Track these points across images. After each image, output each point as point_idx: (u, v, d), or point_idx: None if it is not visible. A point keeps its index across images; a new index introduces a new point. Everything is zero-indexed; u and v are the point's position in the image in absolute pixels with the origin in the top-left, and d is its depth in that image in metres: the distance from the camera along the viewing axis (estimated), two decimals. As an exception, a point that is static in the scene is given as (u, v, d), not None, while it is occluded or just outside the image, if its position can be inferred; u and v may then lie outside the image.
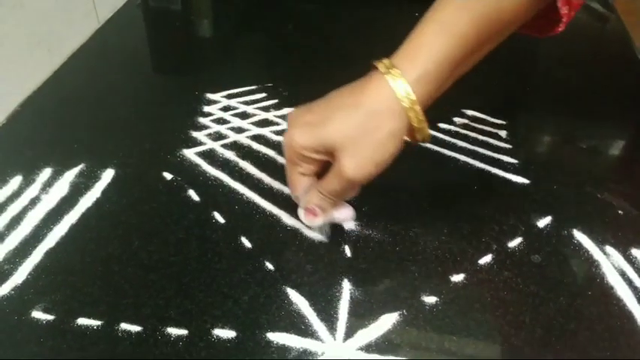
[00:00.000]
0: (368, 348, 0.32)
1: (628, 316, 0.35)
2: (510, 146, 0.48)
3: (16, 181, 0.41)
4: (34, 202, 0.40)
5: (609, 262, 0.38)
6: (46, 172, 0.42)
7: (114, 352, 0.31)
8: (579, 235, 0.40)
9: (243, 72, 0.56)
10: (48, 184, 0.41)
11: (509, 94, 0.55)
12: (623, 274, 0.38)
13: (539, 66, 0.62)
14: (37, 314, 0.32)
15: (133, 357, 0.31)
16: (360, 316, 0.34)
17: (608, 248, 0.39)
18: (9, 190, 0.40)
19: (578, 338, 0.34)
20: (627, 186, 0.44)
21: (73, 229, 0.38)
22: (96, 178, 0.42)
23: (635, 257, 0.39)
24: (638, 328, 0.34)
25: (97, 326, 0.32)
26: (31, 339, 0.31)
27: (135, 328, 0.32)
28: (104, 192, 0.41)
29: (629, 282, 0.37)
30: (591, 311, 0.35)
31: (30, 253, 0.36)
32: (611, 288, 0.37)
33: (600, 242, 0.40)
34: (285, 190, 0.42)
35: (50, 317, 0.32)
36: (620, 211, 0.42)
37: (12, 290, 0.34)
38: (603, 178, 0.45)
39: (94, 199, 0.40)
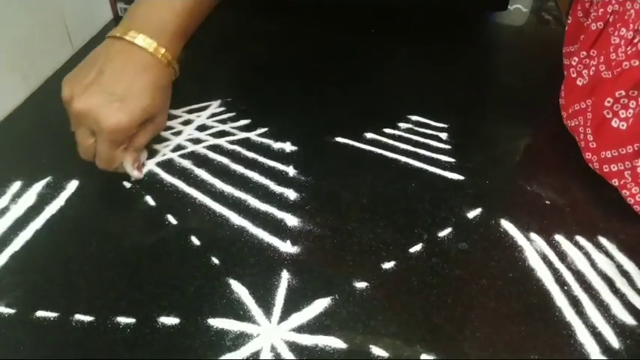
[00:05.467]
0: (300, 329, 0.35)
1: (545, 294, 0.38)
2: (449, 147, 0.51)
3: (-13, 194, 0.45)
4: (3, 211, 0.43)
5: (532, 247, 0.41)
6: (16, 185, 0.46)
7: (67, 339, 0.34)
8: (506, 224, 0.43)
9: (207, 90, 0.60)
10: (17, 196, 0.45)
11: (453, 100, 0.59)
12: (544, 258, 0.41)
13: (485, 72, 0.66)
14: (0, 309, 0.36)
15: (84, 343, 0.34)
16: (295, 302, 0.37)
17: (533, 235, 0.42)
18: (-19, 203, 0.44)
19: (496, 315, 0.37)
20: (556, 178, 0.48)
21: (38, 234, 0.41)
22: (61, 188, 0.45)
23: (558, 242, 0.42)
24: (553, 304, 0.37)
25: (54, 317, 0.35)
26: (-8, 330, 0.35)
27: (87, 318, 0.35)
28: (68, 200, 0.44)
29: (550, 264, 0.40)
30: (510, 291, 0.38)
31: (-3, 257, 0.39)
32: (532, 270, 0.40)
33: (525, 229, 0.43)
34: (236, 192, 0.45)
35: (12, 311, 0.36)
36: (547, 201, 0.46)
37: (-22, 289, 0.37)
38: (534, 172, 0.49)
39: (58, 207, 0.44)
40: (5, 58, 0.54)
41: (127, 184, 0.46)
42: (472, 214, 0.44)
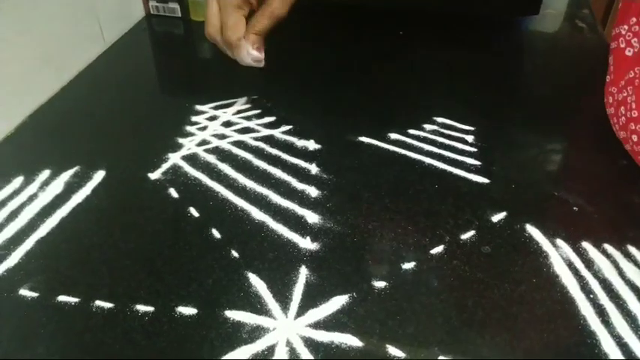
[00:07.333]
0: (316, 325, 0.35)
1: (569, 301, 0.37)
2: (475, 150, 0.50)
3: (18, 180, 0.46)
4: (31, 198, 0.44)
5: (558, 253, 0.40)
6: (45, 173, 0.47)
7: (87, 324, 0.35)
8: (531, 229, 0.42)
9: (234, 87, 0.60)
10: (45, 184, 0.46)
11: (482, 103, 0.58)
12: (570, 265, 0.40)
13: (514, 77, 0.65)
14: (24, 292, 0.37)
15: (103, 328, 0.34)
16: (313, 298, 0.37)
17: (559, 241, 0.41)
18: (11, 189, 0.45)
19: (518, 320, 0.36)
20: (584, 184, 0.46)
21: (63, 221, 0.42)
22: (88, 178, 0.46)
23: (585, 249, 0.41)
24: (578, 312, 0.36)
25: (75, 303, 0.36)
26: (15, 312, 0.35)
27: (107, 305, 0.36)
28: (94, 190, 0.45)
29: (576, 271, 0.39)
30: (534, 297, 0.37)
31: (23, 241, 0.40)
32: (557, 276, 0.39)
33: (551, 235, 0.42)
34: (258, 188, 0.45)
35: (34, 294, 0.36)
36: (575, 208, 0.44)
37: (4, 272, 0.38)
38: (562, 177, 0.47)
39: (85, 196, 0.44)
40: (39, 52, 0.55)
41: (153, 176, 0.47)
42: (496, 217, 0.43)
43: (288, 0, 0.49)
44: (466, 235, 0.41)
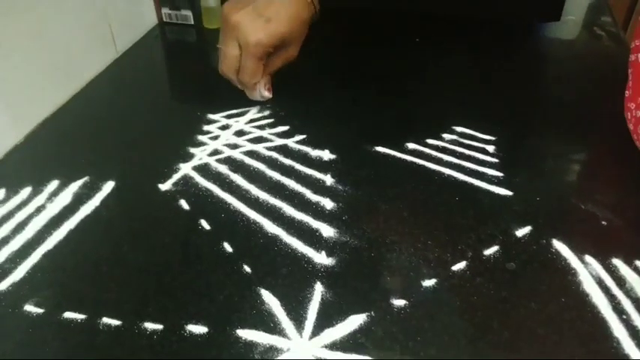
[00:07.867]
0: (332, 346, 0.33)
1: (601, 323, 0.35)
2: (497, 160, 0.48)
3: (26, 191, 0.45)
4: (39, 209, 0.43)
5: (587, 270, 0.38)
6: (54, 184, 0.46)
7: (93, 342, 0.33)
8: (558, 245, 0.40)
9: (247, 95, 0.59)
10: (54, 194, 0.44)
11: (501, 112, 0.56)
12: (600, 283, 0.37)
13: (534, 85, 0.63)
14: (29, 307, 0.35)
15: (110, 347, 0.33)
16: (329, 317, 0.35)
17: (587, 257, 0.39)
18: (19, 199, 0.44)
19: (546, 342, 0.34)
20: (613, 197, 0.44)
21: (71, 233, 0.41)
22: (97, 189, 0.45)
23: (615, 266, 0.39)
24: (611, 334, 0.34)
25: (81, 319, 0.34)
26: (20, 329, 0.34)
27: (114, 322, 0.34)
28: (103, 201, 0.44)
29: (606, 290, 0.37)
30: (563, 317, 0.35)
31: (30, 255, 0.39)
32: (587, 295, 0.37)
33: (579, 251, 0.40)
34: (271, 200, 0.44)
35: (40, 310, 0.35)
36: (603, 222, 0.42)
37: (10, 286, 0.37)
38: (589, 190, 0.45)
39: (93, 208, 0.43)
40: (49, 59, 0.54)
41: (163, 187, 0.45)
42: (521, 232, 0.41)
43: (299, 45, 0.54)
44: (489, 251, 0.40)
